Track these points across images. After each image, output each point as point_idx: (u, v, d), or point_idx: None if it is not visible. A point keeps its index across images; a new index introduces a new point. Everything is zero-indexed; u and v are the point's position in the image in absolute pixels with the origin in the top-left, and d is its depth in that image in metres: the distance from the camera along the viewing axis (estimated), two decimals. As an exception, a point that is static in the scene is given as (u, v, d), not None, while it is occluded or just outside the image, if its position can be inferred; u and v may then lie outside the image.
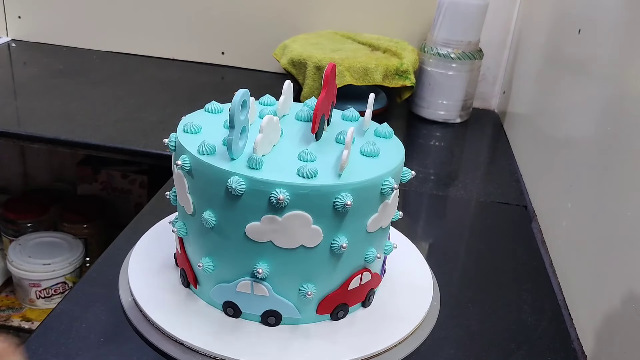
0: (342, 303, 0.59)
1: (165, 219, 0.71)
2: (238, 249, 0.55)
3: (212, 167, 0.52)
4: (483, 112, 1.58)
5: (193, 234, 0.57)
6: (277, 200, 0.50)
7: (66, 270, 1.47)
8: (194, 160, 0.54)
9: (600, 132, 0.82)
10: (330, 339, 0.57)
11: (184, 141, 0.56)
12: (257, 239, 0.53)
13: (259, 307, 0.57)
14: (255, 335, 0.56)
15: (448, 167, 1.29)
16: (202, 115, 0.63)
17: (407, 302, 0.63)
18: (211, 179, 0.53)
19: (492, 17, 1.46)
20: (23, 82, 1.53)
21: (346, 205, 0.52)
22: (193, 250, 0.58)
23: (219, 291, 0.58)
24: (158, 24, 1.69)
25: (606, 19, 0.87)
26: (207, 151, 0.54)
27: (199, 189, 0.55)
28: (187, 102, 1.44)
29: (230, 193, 0.51)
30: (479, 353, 0.76)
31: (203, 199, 0.54)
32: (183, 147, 0.55)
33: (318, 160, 0.54)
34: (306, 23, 1.58)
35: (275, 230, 0.53)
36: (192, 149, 0.54)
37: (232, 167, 0.52)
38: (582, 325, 0.78)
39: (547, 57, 1.19)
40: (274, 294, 0.56)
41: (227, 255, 0.56)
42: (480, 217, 1.13)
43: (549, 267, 0.93)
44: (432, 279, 0.65)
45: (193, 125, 0.58)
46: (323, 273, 0.57)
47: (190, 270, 0.59)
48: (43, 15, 1.72)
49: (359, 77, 1.30)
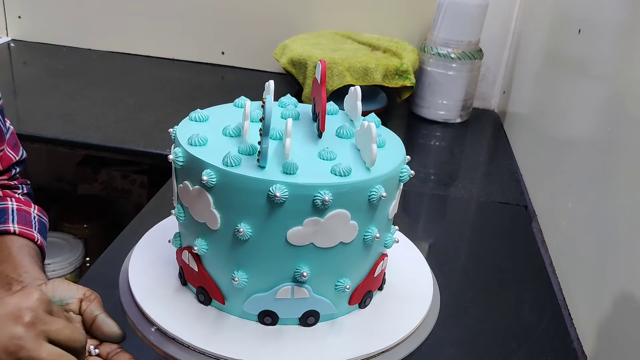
0: (369, 290, 0.60)
1: (165, 219, 0.71)
2: (278, 256, 0.54)
3: (247, 179, 0.50)
4: (483, 112, 1.59)
5: (219, 249, 0.55)
6: (323, 202, 0.50)
7: (66, 270, 1.47)
8: (222, 173, 0.51)
9: (600, 132, 0.82)
10: (333, 338, 0.57)
11: (202, 155, 0.53)
12: (298, 243, 0.53)
13: (298, 310, 0.57)
14: (245, 333, 0.56)
15: (448, 167, 1.29)
16: (191, 124, 0.60)
17: (407, 302, 0.63)
18: (247, 190, 0.51)
19: (492, 17, 1.46)
20: (23, 82, 1.53)
21: (382, 197, 0.53)
22: (219, 265, 0.56)
23: (254, 302, 0.56)
24: (158, 24, 1.69)
25: (606, 19, 0.87)
26: (234, 162, 0.51)
27: (229, 203, 0.52)
28: (187, 102, 1.44)
29: (271, 201, 0.50)
30: (479, 353, 0.76)
31: (236, 211, 0.52)
32: (203, 162, 0.52)
33: (338, 156, 0.55)
34: (306, 23, 1.58)
35: (317, 231, 0.53)
36: (215, 162, 0.51)
37: (269, 175, 0.51)
38: (582, 325, 0.78)
39: (547, 57, 1.19)
40: (313, 295, 0.56)
41: (265, 264, 0.55)
42: (480, 217, 1.13)
43: (549, 267, 0.93)
44: (432, 278, 0.65)
45: (200, 137, 0.54)
46: (355, 265, 0.58)
47: (214, 288, 0.57)
48: (43, 15, 1.73)
49: (359, 77, 1.30)
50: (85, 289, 0.61)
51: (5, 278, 0.64)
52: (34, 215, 0.75)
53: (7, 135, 0.77)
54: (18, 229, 0.71)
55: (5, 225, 0.70)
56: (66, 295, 0.60)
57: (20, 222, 0.72)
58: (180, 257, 0.60)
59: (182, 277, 0.61)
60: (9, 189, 0.78)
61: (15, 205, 0.74)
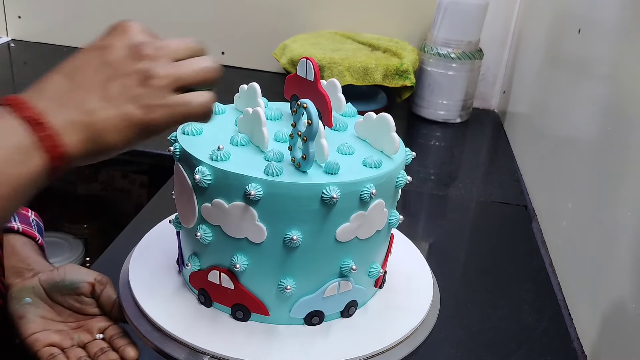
0: (385, 271, 0.63)
1: (165, 219, 0.71)
2: (327, 255, 0.54)
3: (297, 186, 0.50)
4: (483, 112, 1.59)
5: (264, 261, 0.54)
6: (370, 196, 0.52)
7: (66, 270, 1.47)
8: (268, 184, 0.50)
9: (600, 132, 0.82)
10: (333, 338, 0.57)
11: (237, 169, 0.51)
12: (345, 239, 0.54)
13: (341, 304, 0.58)
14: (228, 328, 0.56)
15: (448, 167, 1.29)
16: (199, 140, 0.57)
17: (407, 302, 0.63)
18: (298, 197, 0.51)
19: (492, 17, 1.46)
20: (23, 82, 1.53)
21: (407, 182, 0.56)
22: (263, 278, 0.55)
23: (302, 306, 0.56)
24: (158, 24, 1.67)
25: (606, 19, 0.87)
26: (277, 172, 0.50)
27: (277, 213, 0.51)
28: (187, 102, 1.44)
29: (323, 204, 0.51)
30: (479, 353, 0.76)
31: (285, 220, 0.52)
32: (245, 177, 0.50)
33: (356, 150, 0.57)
34: (306, 23, 1.58)
35: (361, 224, 0.54)
36: (257, 174, 0.50)
37: (318, 179, 0.51)
38: (582, 325, 0.78)
39: (547, 56, 1.19)
40: (355, 285, 0.57)
41: (314, 266, 0.55)
42: (480, 217, 1.13)
43: (549, 267, 0.93)
44: (432, 279, 0.65)
45: (223, 153, 0.52)
46: (382, 249, 0.60)
47: (256, 302, 0.56)
48: (43, 15, 1.73)
49: (359, 77, 1.30)
50: (96, 273, 0.62)
51: (14, 269, 0.65)
52: (32, 218, 0.76)
53: None
54: (22, 227, 0.72)
55: (10, 223, 0.71)
56: (77, 278, 0.61)
57: (21, 222, 0.73)
58: (203, 279, 0.57)
59: (207, 299, 0.58)
60: None
61: None
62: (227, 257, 0.55)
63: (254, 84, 0.62)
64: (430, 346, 0.59)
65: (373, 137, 0.58)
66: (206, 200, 0.53)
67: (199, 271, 0.57)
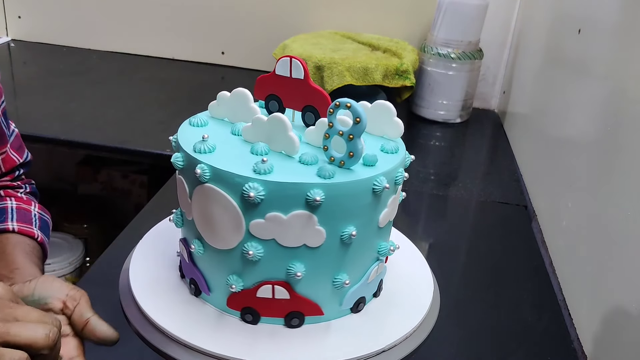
0: None
1: (165, 219, 0.70)
2: (371, 243, 0.56)
3: (354, 183, 0.51)
4: (483, 112, 1.59)
5: (322, 262, 0.54)
6: (403, 179, 0.55)
7: (66, 270, 1.47)
8: (327, 188, 0.50)
9: (600, 132, 0.82)
10: (331, 337, 0.57)
11: (293, 178, 0.50)
12: (383, 224, 0.56)
13: (374, 285, 0.60)
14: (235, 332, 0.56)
15: (448, 167, 1.29)
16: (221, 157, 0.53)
17: (407, 301, 0.63)
18: (355, 195, 0.52)
19: (492, 17, 1.46)
20: (23, 82, 1.53)
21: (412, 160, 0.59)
22: (320, 279, 0.55)
23: (351, 296, 0.57)
24: (158, 24, 1.69)
25: (606, 19, 0.87)
26: (331, 174, 0.50)
27: (335, 214, 0.52)
28: (187, 102, 1.44)
29: (375, 195, 0.53)
30: (479, 353, 0.76)
31: (342, 220, 0.52)
32: (305, 185, 0.50)
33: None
34: (306, 23, 1.58)
35: (394, 207, 0.57)
36: (315, 180, 0.50)
37: (366, 173, 0.52)
38: (582, 325, 0.78)
39: (547, 56, 1.19)
40: (385, 265, 0.60)
41: (362, 256, 0.56)
42: (480, 216, 1.13)
43: (549, 267, 0.93)
44: (432, 279, 0.65)
45: (268, 166, 0.50)
46: None
47: (313, 305, 0.56)
48: (43, 15, 1.73)
49: (359, 77, 1.30)
50: (70, 287, 0.57)
51: None
52: (34, 213, 0.75)
53: (11, 139, 0.78)
54: (17, 226, 0.71)
55: (4, 224, 0.70)
56: (47, 293, 0.56)
57: (19, 220, 0.72)
58: (250, 297, 0.55)
59: (255, 317, 0.56)
60: (11, 189, 0.78)
61: (15, 204, 0.74)
62: (281, 268, 0.53)
63: (242, 90, 0.59)
64: (430, 346, 0.59)
65: (377, 123, 0.59)
66: (257, 216, 0.51)
67: (243, 291, 0.55)
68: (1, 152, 0.75)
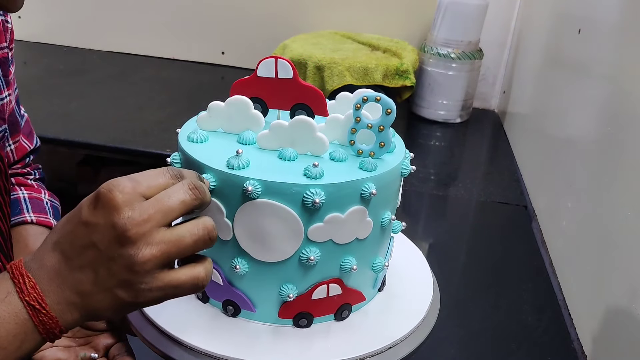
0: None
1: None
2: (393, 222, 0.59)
3: (389, 172, 0.54)
4: (483, 112, 1.59)
5: (367, 251, 0.56)
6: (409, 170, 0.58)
7: (66, 270, 1.46)
8: (376, 180, 0.52)
9: (600, 132, 0.82)
10: (332, 337, 0.57)
11: (346, 177, 0.51)
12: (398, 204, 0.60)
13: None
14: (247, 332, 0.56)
15: (448, 167, 1.29)
16: (259, 169, 0.52)
17: (407, 301, 0.63)
18: (391, 182, 0.56)
19: (492, 17, 1.46)
20: (23, 82, 1.52)
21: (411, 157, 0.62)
22: (364, 268, 0.57)
23: (380, 277, 0.61)
24: (158, 24, 1.69)
25: (606, 19, 0.87)
26: (373, 167, 0.53)
27: (379, 204, 0.54)
28: (187, 102, 1.44)
29: (402, 180, 0.58)
30: (479, 353, 0.76)
31: (382, 207, 0.55)
32: (359, 182, 0.51)
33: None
34: (306, 23, 1.58)
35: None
36: (365, 175, 0.52)
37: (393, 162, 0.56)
38: (582, 325, 0.78)
39: (547, 57, 1.19)
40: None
41: (389, 237, 0.60)
42: (480, 217, 1.13)
43: (549, 267, 0.93)
44: (432, 278, 0.65)
45: (318, 171, 0.50)
46: None
47: (357, 294, 0.58)
48: (43, 15, 1.73)
49: (359, 77, 1.30)
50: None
51: None
52: (45, 201, 0.74)
53: (22, 124, 0.77)
54: (35, 217, 0.70)
55: (22, 216, 0.70)
56: None
57: (35, 210, 0.71)
58: (305, 302, 0.55)
59: (309, 321, 0.57)
60: (21, 177, 0.78)
61: (27, 194, 0.74)
62: (335, 266, 0.54)
63: (241, 98, 0.56)
64: (430, 346, 0.59)
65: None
66: (316, 221, 0.51)
67: (297, 298, 0.54)
68: (14, 141, 0.75)
